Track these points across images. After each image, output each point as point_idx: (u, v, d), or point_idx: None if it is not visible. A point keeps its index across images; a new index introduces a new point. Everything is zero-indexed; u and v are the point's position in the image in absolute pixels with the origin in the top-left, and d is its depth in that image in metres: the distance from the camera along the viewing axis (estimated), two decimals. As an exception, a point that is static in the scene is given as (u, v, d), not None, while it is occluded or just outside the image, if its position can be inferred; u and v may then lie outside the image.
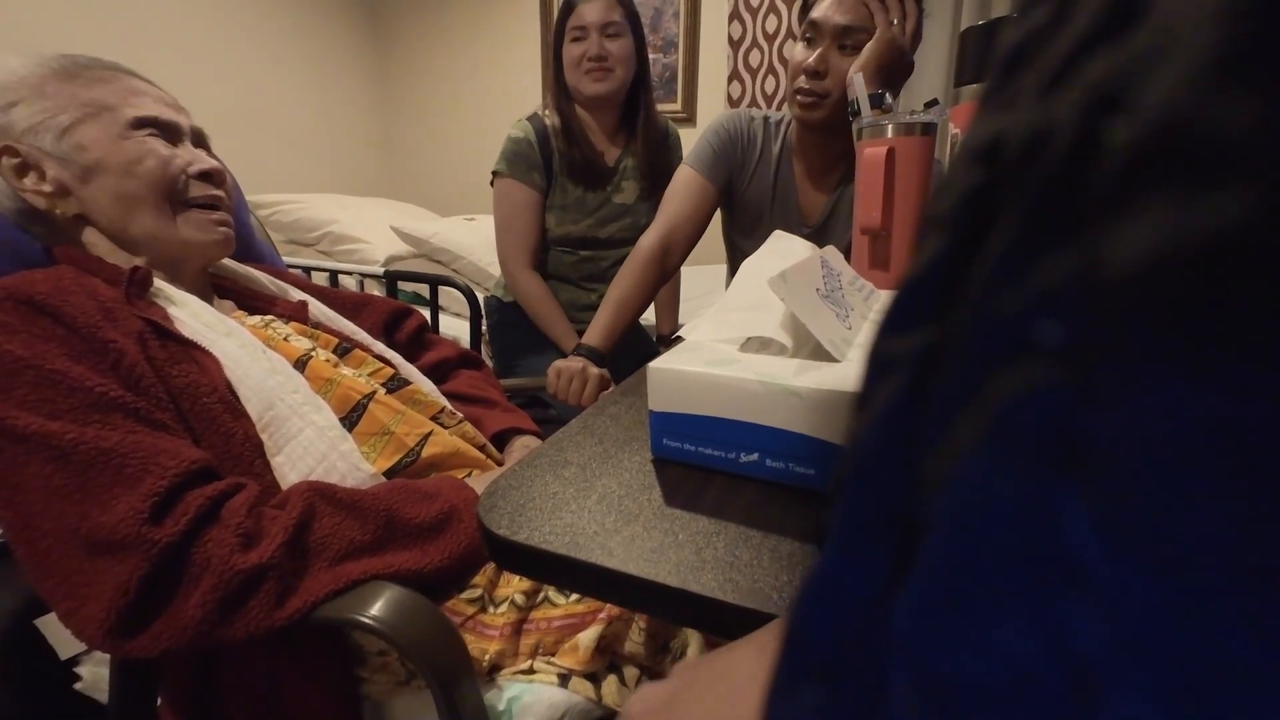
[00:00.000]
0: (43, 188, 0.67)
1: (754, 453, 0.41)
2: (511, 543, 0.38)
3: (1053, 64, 0.09)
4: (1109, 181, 0.08)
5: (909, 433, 0.11)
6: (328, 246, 2.14)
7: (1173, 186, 0.08)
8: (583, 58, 1.24)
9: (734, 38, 2.52)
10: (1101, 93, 0.09)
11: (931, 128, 0.75)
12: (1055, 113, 0.09)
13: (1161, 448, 0.07)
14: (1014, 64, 0.11)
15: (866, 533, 0.12)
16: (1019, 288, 0.09)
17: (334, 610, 0.53)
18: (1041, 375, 0.09)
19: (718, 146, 1.12)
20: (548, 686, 0.57)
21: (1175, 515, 0.07)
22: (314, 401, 0.65)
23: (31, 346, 0.54)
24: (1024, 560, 0.09)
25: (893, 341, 0.12)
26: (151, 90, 0.74)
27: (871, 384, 0.12)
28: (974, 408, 0.09)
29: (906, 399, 0.11)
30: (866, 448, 0.12)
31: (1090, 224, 0.08)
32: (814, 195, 1.13)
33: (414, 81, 3.16)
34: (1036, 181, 0.09)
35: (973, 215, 0.10)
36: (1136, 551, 0.08)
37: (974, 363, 0.10)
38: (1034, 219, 0.09)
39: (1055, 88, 0.09)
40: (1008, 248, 0.09)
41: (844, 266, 0.55)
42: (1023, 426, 0.09)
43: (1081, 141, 0.09)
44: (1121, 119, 0.08)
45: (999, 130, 0.10)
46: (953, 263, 0.11)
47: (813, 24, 0.99)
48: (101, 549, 0.49)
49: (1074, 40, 0.09)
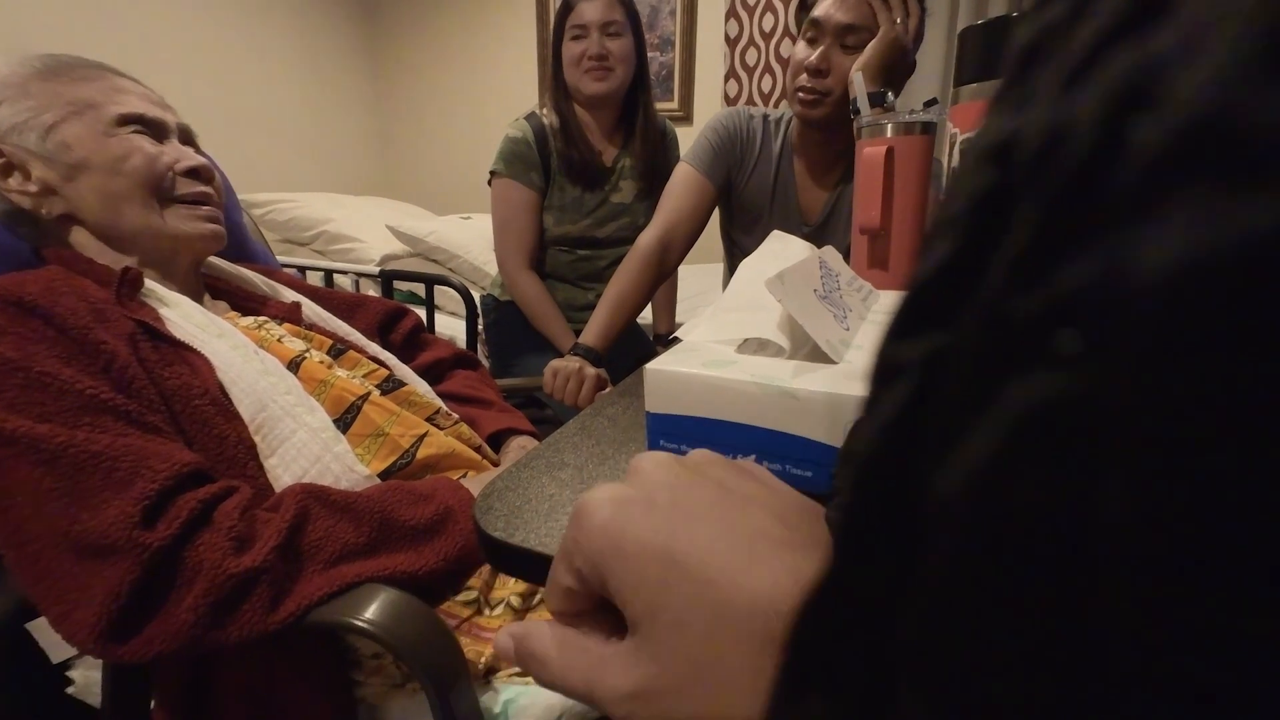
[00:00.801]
0: (28, 187, 0.67)
1: (750, 455, 0.41)
2: (507, 545, 0.38)
3: (1072, 60, 0.09)
4: (1135, 182, 0.08)
5: (915, 441, 0.11)
6: (322, 246, 2.13)
7: (1207, 187, 0.07)
8: (583, 56, 1.24)
9: (731, 36, 2.52)
10: (1127, 89, 0.08)
11: (931, 127, 0.75)
12: (1075, 110, 0.09)
13: (1189, 460, 0.07)
14: (1029, 61, 0.10)
15: (871, 543, 0.12)
16: (1036, 293, 0.09)
17: (328, 613, 0.52)
18: (1060, 386, 0.08)
19: (716, 144, 1.12)
20: (543, 689, 0.56)
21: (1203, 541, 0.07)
22: (307, 403, 0.65)
23: (21, 348, 0.53)
24: (1041, 571, 0.08)
25: (899, 347, 0.12)
26: (136, 88, 0.73)
27: (877, 390, 0.12)
28: (987, 417, 0.09)
29: (913, 406, 0.11)
30: (871, 456, 0.12)
31: (1114, 227, 0.08)
32: (814, 193, 1.13)
33: (410, 79, 3.15)
34: (1055, 182, 0.09)
35: (984, 218, 0.10)
36: (1163, 576, 0.07)
37: (987, 371, 0.09)
38: (1052, 221, 0.09)
39: (1075, 85, 0.09)
40: (1024, 251, 0.09)
41: (842, 267, 0.54)
42: (1039, 438, 0.08)
43: (1105, 140, 0.08)
44: (1149, 116, 0.08)
45: (1013, 130, 0.10)
46: (963, 267, 0.10)
47: (814, 22, 0.99)
48: (92, 553, 0.48)
49: (1095, 34, 0.09)
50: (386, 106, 3.23)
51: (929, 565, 0.10)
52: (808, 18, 1.00)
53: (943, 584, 0.10)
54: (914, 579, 0.10)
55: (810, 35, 1.00)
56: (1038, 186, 0.09)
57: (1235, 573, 0.07)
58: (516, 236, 1.32)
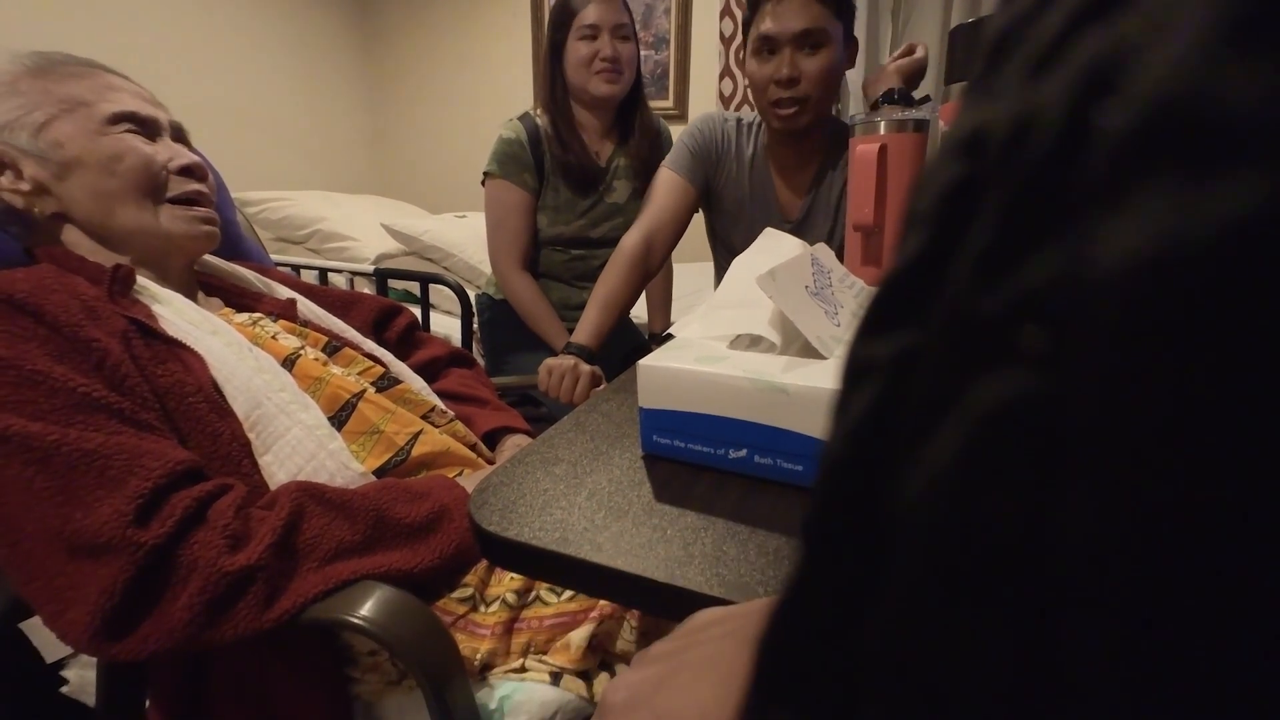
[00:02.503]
0: (20, 186, 0.66)
1: (742, 449, 0.41)
2: (502, 539, 0.38)
3: (1039, 47, 0.09)
4: (1100, 170, 0.08)
5: (884, 442, 0.11)
6: (317, 244, 2.12)
7: (1173, 174, 0.07)
8: (594, 57, 1.23)
9: (725, 34, 2.51)
10: (1092, 74, 0.08)
11: (924, 124, 0.76)
12: (1041, 98, 0.09)
13: (1156, 468, 0.07)
14: (999, 50, 0.10)
15: (838, 548, 0.11)
16: (1000, 288, 0.08)
17: (323, 611, 0.52)
18: (1024, 383, 0.08)
19: (694, 149, 1.14)
20: (539, 685, 0.57)
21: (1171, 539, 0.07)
22: (301, 400, 0.65)
23: (12, 346, 0.53)
24: (1007, 578, 0.08)
25: (869, 345, 0.11)
26: (128, 85, 0.73)
27: (847, 390, 0.12)
28: (952, 416, 0.09)
29: (881, 406, 0.11)
30: (839, 458, 0.12)
31: (1078, 218, 0.08)
32: (792, 190, 1.14)
33: (404, 76, 3.14)
34: (1020, 172, 0.09)
35: (953, 211, 0.10)
36: (1130, 572, 0.07)
37: (952, 368, 0.09)
38: (1017, 213, 0.09)
39: (1041, 72, 0.09)
40: (988, 245, 0.09)
41: (834, 264, 0.55)
42: (1004, 437, 0.08)
43: (1070, 128, 0.08)
44: (1114, 101, 0.08)
45: (982, 120, 0.10)
46: (932, 262, 0.10)
47: (766, 38, 0.99)
48: (85, 552, 0.48)
49: (1062, 21, 0.09)
50: (381, 104, 3.21)
51: (895, 573, 0.10)
52: (759, 34, 1.00)
53: (909, 592, 0.10)
54: (880, 586, 0.10)
55: (767, 50, 1.00)
56: (1004, 178, 0.09)
57: (1204, 579, 0.07)
58: (510, 238, 1.32)
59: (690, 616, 0.27)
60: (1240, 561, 0.07)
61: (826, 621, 0.11)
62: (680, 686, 0.23)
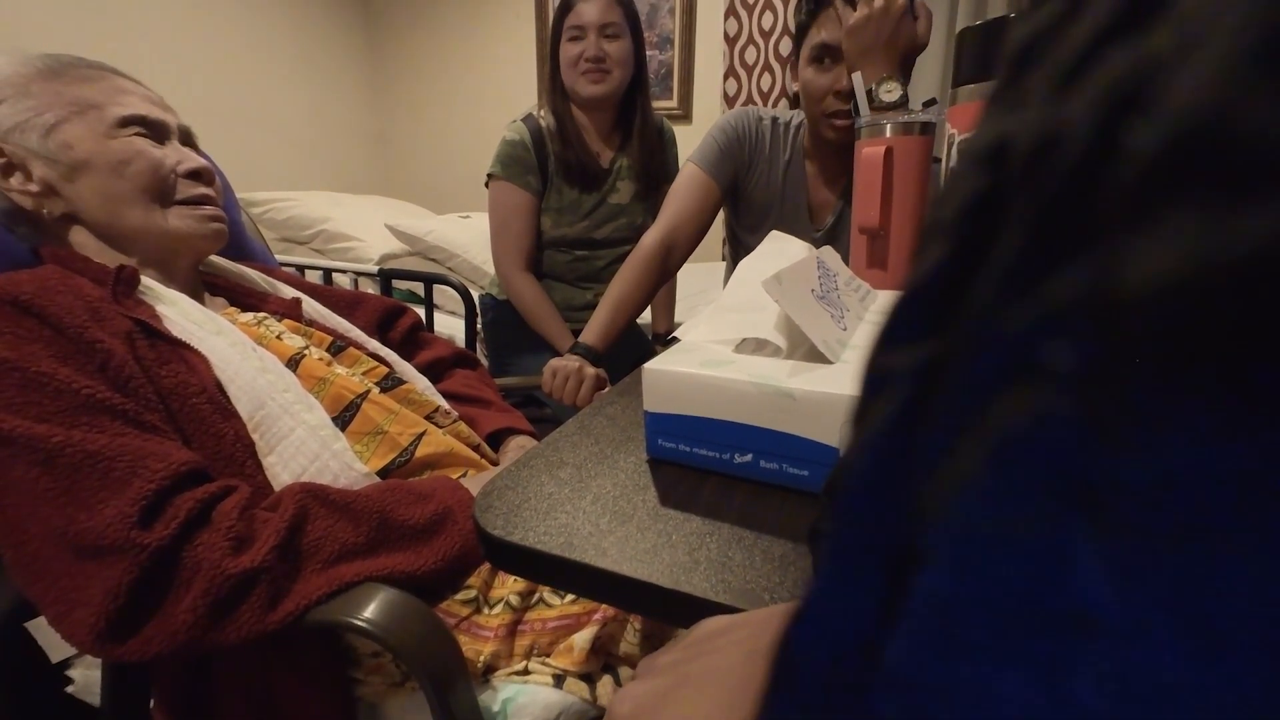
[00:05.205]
0: (29, 187, 0.67)
1: (748, 454, 0.41)
2: (506, 543, 0.38)
3: (1066, 61, 0.09)
4: (1128, 189, 0.08)
5: (905, 455, 0.10)
6: (321, 245, 2.12)
7: (1202, 195, 0.07)
8: (580, 58, 1.23)
9: (730, 34, 2.51)
10: (1120, 92, 0.08)
11: (930, 127, 0.75)
12: (1068, 113, 0.08)
13: (1183, 494, 0.07)
14: (1023, 61, 0.10)
15: (858, 563, 0.11)
16: (1026, 303, 0.08)
17: (327, 613, 0.52)
18: (1049, 402, 0.08)
19: (724, 144, 1.11)
20: (542, 687, 0.57)
21: (1197, 570, 0.07)
22: (305, 400, 0.65)
23: (17, 348, 0.53)
24: (1028, 603, 0.08)
25: (889, 355, 0.11)
26: (138, 89, 0.73)
27: (866, 400, 0.12)
28: (975, 432, 0.09)
29: (903, 418, 0.11)
30: (859, 470, 0.12)
31: (1106, 235, 0.08)
32: (825, 196, 1.13)
33: (408, 77, 3.15)
34: (1046, 187, 0.09)
35: (976, 223, 0.10)
36: (1153, 604, 0.07)
37: (976, 383, 0.09)
38: (1043, 228, 0.08)
39: (1068, 87, 0.09)
40: (1014, 259, 0.09)
41: (840, 267, 0.54)
42: (1028, 457, 0.08)
43: (1097, 145, 0.08)
44: (1143, 121, 0.07)
45: (1006, 132, 0.09)
46: (955, 273, 0.10)
47: (825, 48, 0.97)
48: (89, 553, 0.48)
49: (1090, 34, 0.09)
50: (385, 105, 3.22)
51: (918, 590, 0.10)
52: (818, 43, 0.98)
53: (931, 612, 0.09)
54: (903, 603, 0.10)
55: (826, 60, 0.98)
56: (1029, 191, 0.09)
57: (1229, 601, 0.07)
58: (513, 239, 1.31)
59: (696, 625, 0.27)
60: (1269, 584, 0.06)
61: (847, 637, 0.11)
62: (686, 699, 0.22)
